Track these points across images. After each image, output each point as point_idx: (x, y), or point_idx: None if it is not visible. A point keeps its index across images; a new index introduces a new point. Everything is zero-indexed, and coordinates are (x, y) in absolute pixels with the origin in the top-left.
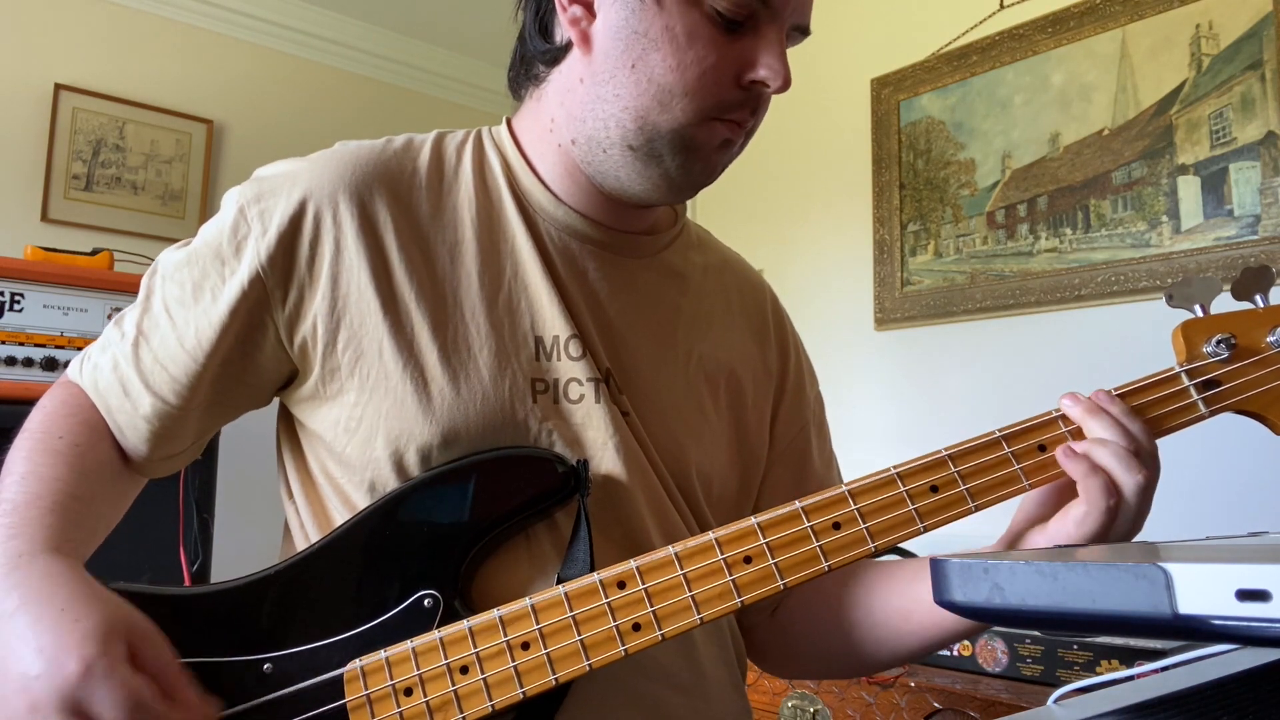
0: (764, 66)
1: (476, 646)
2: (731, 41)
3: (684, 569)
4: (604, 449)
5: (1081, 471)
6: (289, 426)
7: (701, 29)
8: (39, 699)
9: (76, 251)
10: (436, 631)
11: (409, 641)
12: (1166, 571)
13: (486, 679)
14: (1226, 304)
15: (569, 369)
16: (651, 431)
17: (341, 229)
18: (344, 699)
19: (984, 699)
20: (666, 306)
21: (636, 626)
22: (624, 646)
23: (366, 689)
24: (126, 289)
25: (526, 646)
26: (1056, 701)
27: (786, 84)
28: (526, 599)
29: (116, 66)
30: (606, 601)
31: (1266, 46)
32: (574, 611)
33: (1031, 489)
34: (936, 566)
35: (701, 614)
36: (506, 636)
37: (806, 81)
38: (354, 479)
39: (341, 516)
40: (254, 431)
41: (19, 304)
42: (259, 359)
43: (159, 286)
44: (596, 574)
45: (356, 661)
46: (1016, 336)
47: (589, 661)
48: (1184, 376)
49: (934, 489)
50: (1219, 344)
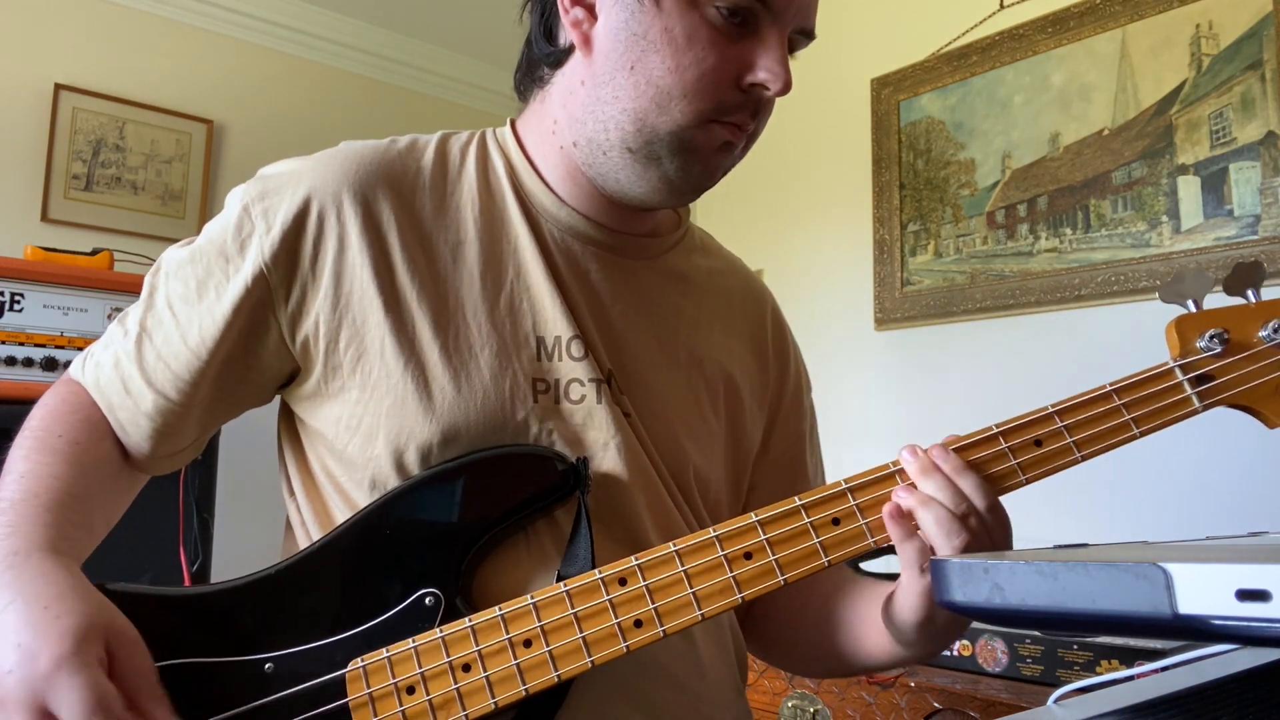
0: (763, 69)
1: (478, 644)
2: (731, 44)
3: (685, 565)
4: (605, 449)
5: (899, 536)
6: (290, 424)
7: (701, 31)
8: (8, 694)
9: (76, 251)
10: (438, 630)
11: (411, 640)
12: (1166, 571)
13: (489, 677)
14: (1221, 302)
15: (570, 369)
16: (653, 432)
17: (345, 227)
18: (346, 698)
19: (984, 699)
20: (668, 309)
21: (638, 623)
22: (626, 643)
23: (369, 687)
24: (126, 289)
25: (528, 644)
26: (1056, 701)
27: (787, 87)
28: (528, 596)
29: (116, 66)
30: (608, 598)
31: (1266, 46)
32: (575, 608)
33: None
34: (937, 567)
35: (703, 610)
36: (508, 634)
37: (806, 81)
38: (355, 477)
39: (343, 515)
40: (254, 430)
41: (19, 304)
42: (262, 356)
43: (162, 284)
44: (598, 571)
45: (358, 660)
46: (1016, 336)
47: (591, 658)
48: (1178, 371)
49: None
50: (1212, 339)
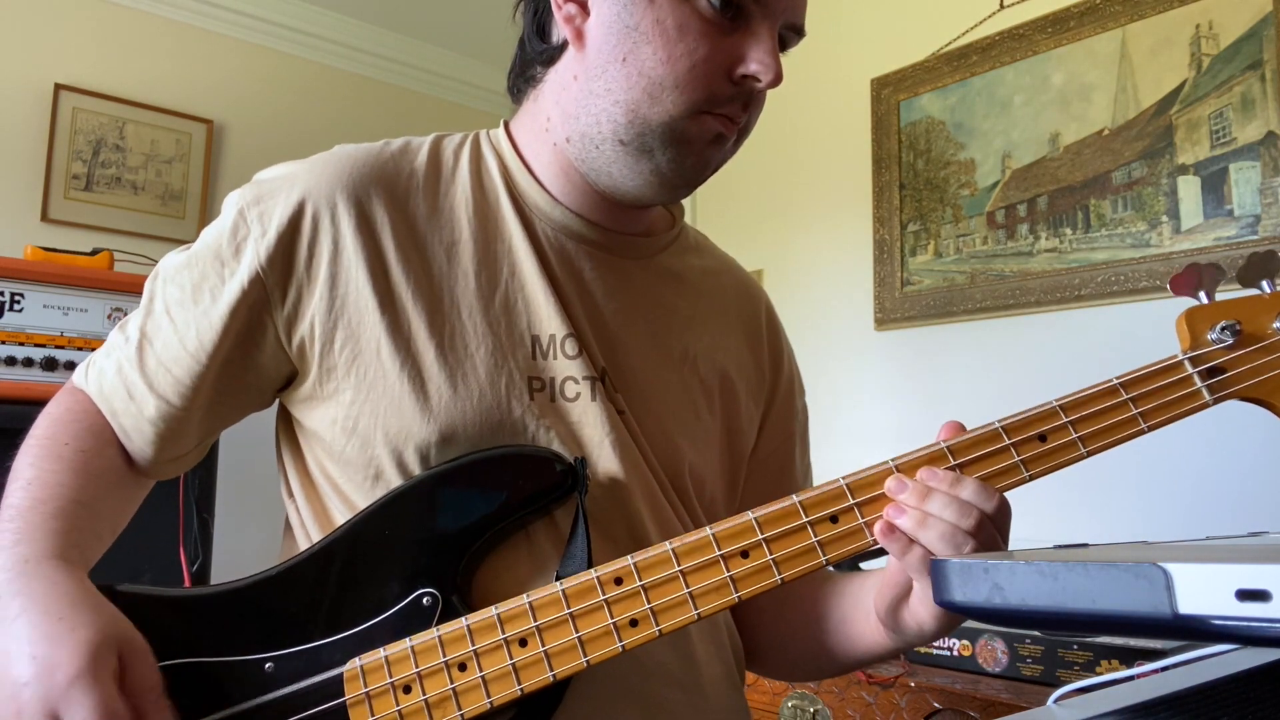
0: (754, 60)
1: (474, 644)
2: (723, 36)
3: (681, 565)
4: (600, 447)
5: (898, 550)
6: (288, 427)
7: (692, 22)
8: (25, 706)
9: (76, 251)
10: (435, 629)
11: (408, 639)
12: (1166, 571)
13: (484, 676)
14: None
15: (565, 367)
16: (646, 430)
17: (339, 230)
18: (344, 697)
19: (984, 699)
20: (662, 307)
21: (634, 622)
22: (621, 642)
23: (366, 686)
24: (126, 289)
25: (524, 643)
26: (1056, 701)
27: (777, 79)
28: (524, 596)
29: (116, 66)
30: (604, 598)
31: (1266, 46)
32: (571, 608)
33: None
34: (937, 567)
35: (699, 609)
36: (504, 634)
37: (806, 81)
38: (353, 478)
39: (341, 515)
40: (254, 431)
41: (19, 304)
42: (259, 359)
43: (160, 290)
44: (594, 570)
45: (356, 660)
46: (1016, 336)
47: (586, 658)
48: (1187, 364)
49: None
50: (1223, 330)
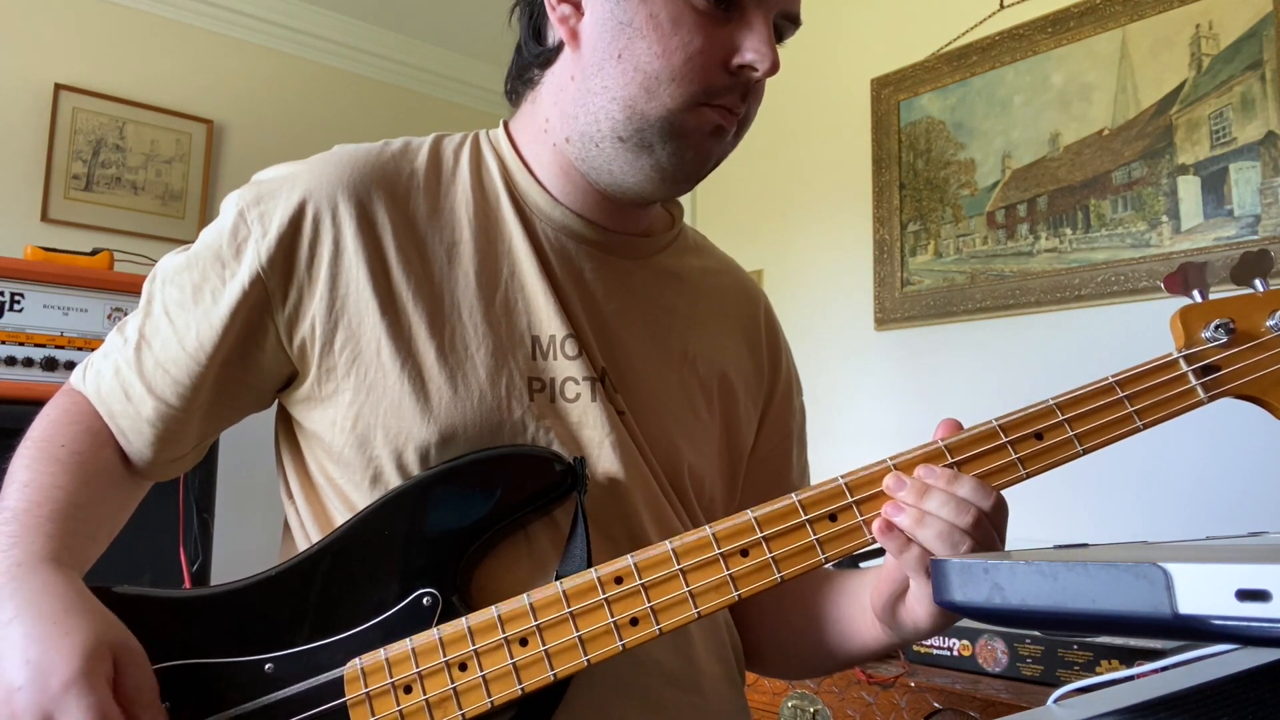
0: (750, 50)
1: (475, 644)
2: (718, 27)
3: (680, 563)
4: (600, 447)
5: (896, 549)
6: (288, 428)
7: (686, 15)
8: (19, 711)
9: (76, 251)
10: (435, 629)
11: (408, 640)
12: (1166, 571)
13: (485, 675)
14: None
15: (565, 368)
16: (646, 431)
17: (340, 230)
18: (344, 697)
19: (984, 699)
20: (661, 307)
21: (634, 621)
22: (621, 641)
23: (366, 687)
24: (126, 289)
25: (524, 642)
26: (1056, 701)
27: (774, 67)
28: (524, 596)
29: (116, 66)
30: (604, 597)
31: (1266, 46)
32: (571, 607)
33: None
34: (937, 567)
35: (699, 607)
36: (504, 633)
37: (806, 81)
38: (352, 479)
39: (341, 516)
40: (254, 432)
41: (19, 304)
42: (260, 360)
43: (159, 291)
44: (594, 570)
45: (356, 660)
46: (1016, 336)
47: (587, 657)
48: (1182, 362)
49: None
50: (1218, 329)
